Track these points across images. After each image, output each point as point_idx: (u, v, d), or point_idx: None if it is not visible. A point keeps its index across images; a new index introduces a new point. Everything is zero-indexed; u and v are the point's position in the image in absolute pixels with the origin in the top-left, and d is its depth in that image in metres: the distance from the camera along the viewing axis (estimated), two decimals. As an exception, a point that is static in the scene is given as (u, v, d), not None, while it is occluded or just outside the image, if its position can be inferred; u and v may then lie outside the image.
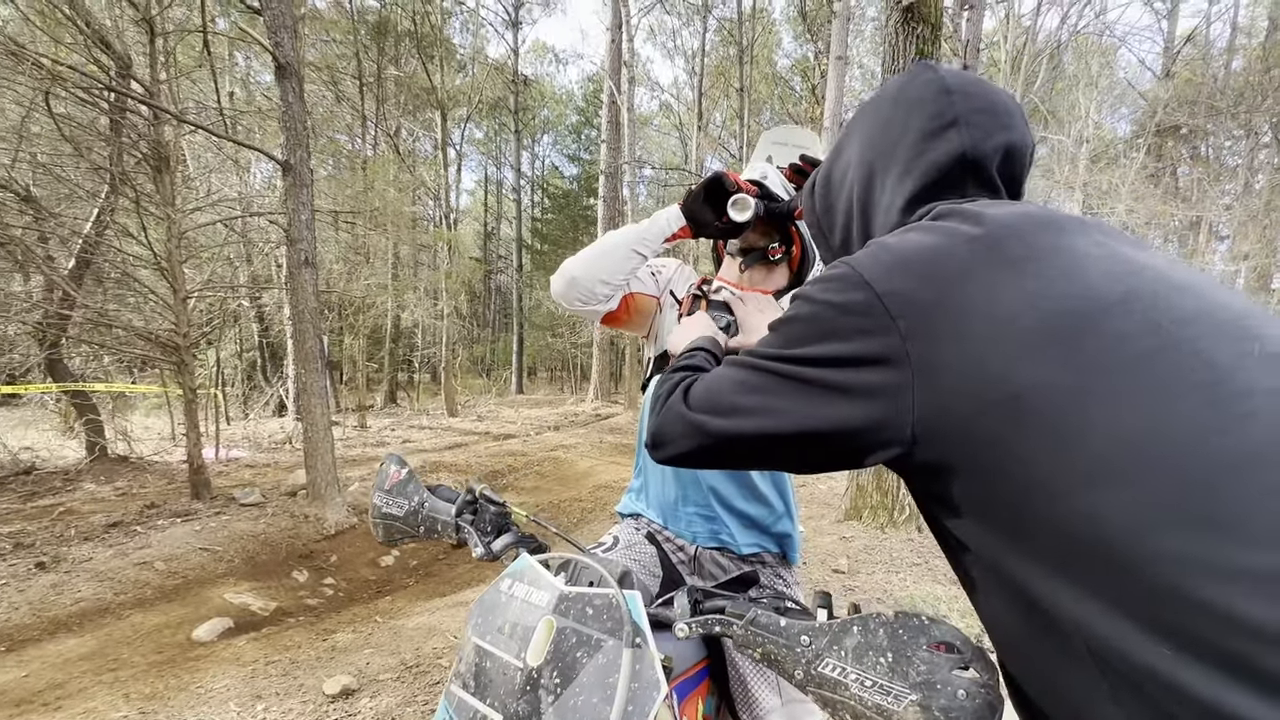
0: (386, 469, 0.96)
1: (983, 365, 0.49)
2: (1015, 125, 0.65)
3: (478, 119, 23.08)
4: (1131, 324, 0.47)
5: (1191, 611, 0.40)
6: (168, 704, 2.71)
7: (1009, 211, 0.57)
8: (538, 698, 0.66)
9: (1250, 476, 0.40)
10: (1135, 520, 0.42)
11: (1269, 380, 0.43)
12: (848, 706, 0.56)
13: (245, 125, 11.34)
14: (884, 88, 0.72)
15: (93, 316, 6.12)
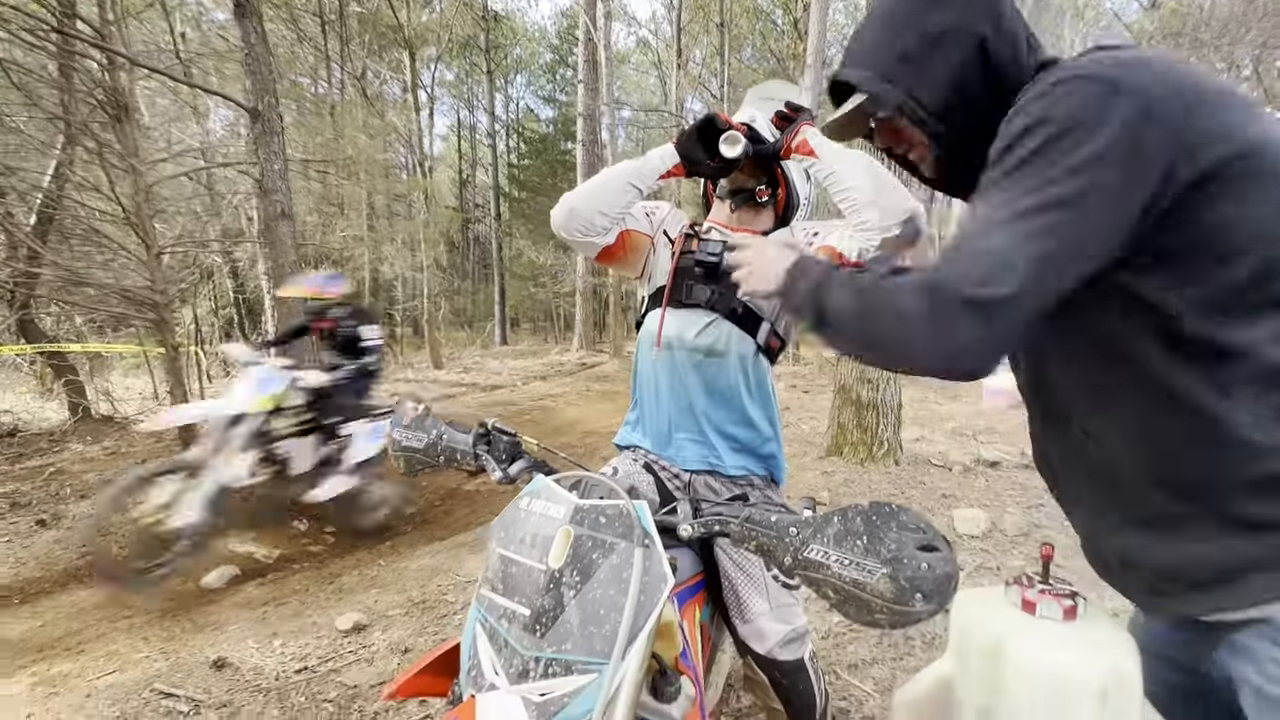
0: (404, 407, 1.03)
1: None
2: None
3: (448, 59, 22.07)
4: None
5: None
6: (186, 644, 2.85)
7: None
8: (561, 594, 0.75)
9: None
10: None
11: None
12: (830, 583, 0.66)
13: (202, 68, 10.75)
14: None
15: (64, 275, 5.96)
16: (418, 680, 0.90)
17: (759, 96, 1.38)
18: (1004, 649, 0.71)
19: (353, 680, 2.43)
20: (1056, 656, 0.68)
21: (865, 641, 2.52)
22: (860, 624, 0.66)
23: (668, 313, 1.30)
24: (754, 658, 1.28)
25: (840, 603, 0.66)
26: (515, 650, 0.74)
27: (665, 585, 0.73)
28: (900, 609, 0.62)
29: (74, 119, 5.42)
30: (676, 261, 1.32)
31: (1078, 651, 0.68)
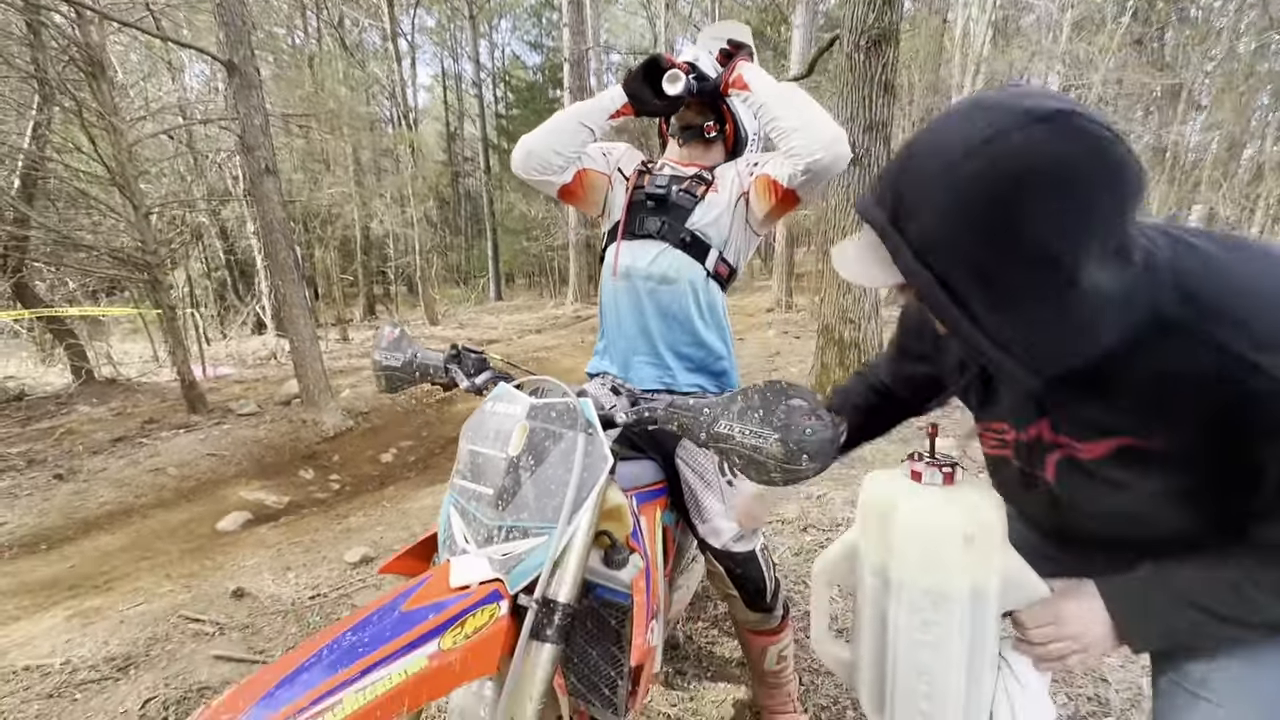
0: (383, 331, 1.16)
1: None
2: None
3: (427, 3, 21.22)
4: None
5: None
6: (207, 580, 3.06)
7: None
8: (518, 476, 0.89)
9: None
10: None
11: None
12: (735, 450, 0.79)
13: (173, 20, 10.41)
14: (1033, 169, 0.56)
15: (56, 238, 5.98)
16: (402, 561, 1.06)
17: (709, 36, 1.45)
18: (893, 510, 0.84)
19: (362, 602, 2.64)
20: (932, 511, 0.81)
21: (834, 557, 2.73)
22: (761, 483, 0.80)
23: (623, 244, 1.41)
24: (712, 552, 1.44)
25: (744, 466, 0.79)
26: (481, 522, 0.89)
27: (605, 464, 0.87)
28: (791, 468, 0.76)
29: (48, 78, 5.34)
30: (630, 196, 1.41)
31: (950, 507, 0.81)
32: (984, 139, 0.57)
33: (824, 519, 3.01)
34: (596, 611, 1.00)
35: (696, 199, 1.38)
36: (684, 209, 1.37)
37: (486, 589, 0.82)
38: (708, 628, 2.29)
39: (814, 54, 5.96)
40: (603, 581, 1.00)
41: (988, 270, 0.59)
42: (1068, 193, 0.55)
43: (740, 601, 1.46)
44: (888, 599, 0.85)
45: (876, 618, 0.87)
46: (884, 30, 4.24)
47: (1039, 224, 0.56)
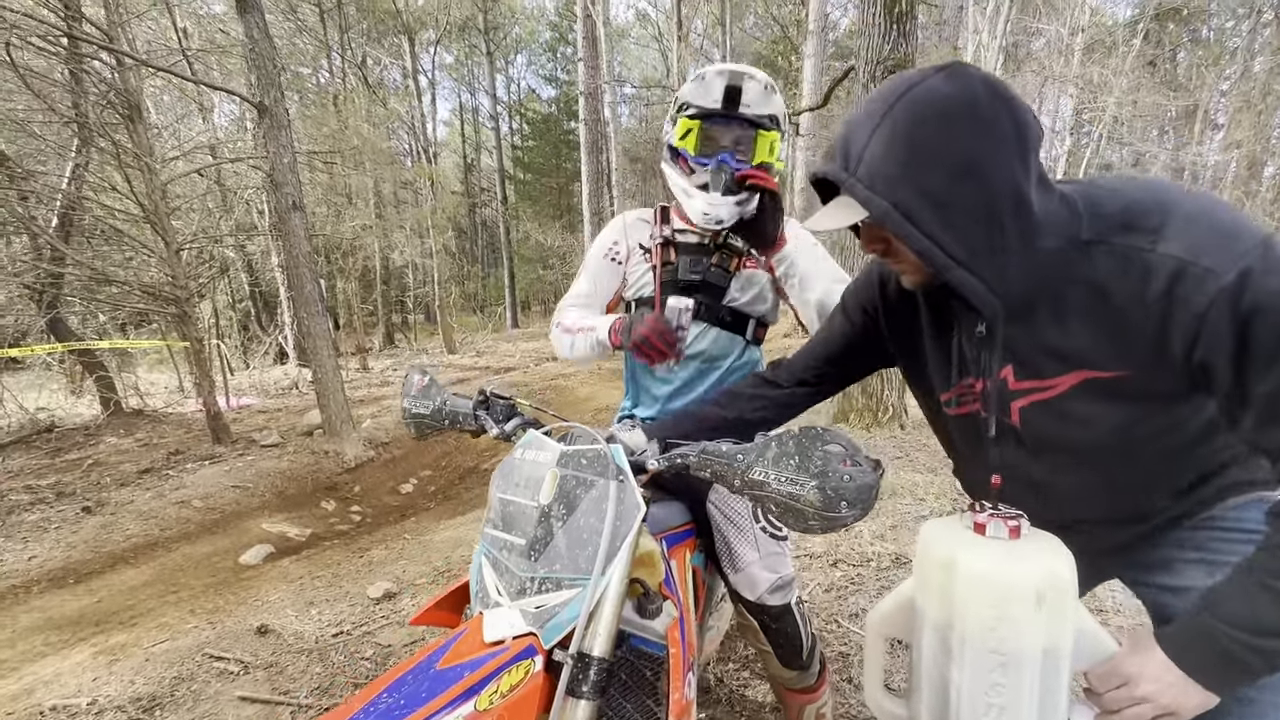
0: (411, 378, 1.17)
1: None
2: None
3: (447, 42, 21.93)
4: None
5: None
6: (231, 615, 3.07)
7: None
8: (550, 526, 0.89)
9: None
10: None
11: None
12: (770, 498, 0.78)
13: (204, 64, 10.87)
14: (953, 105, 0.69)
15: (90, 273, 6.18)
16: (433, 613, 1.05)
17: (716, 73, 1.31)
18: (955, 563, 0.80)
19: (386, 640, 2.62)
20: (1000, 566, 0.77)
21: (865, 593, 2.66)
22: (799, 531, 0.78)
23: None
24: (744, 604, 1.39)
25: (781, 514, 0.78)
26: (514, 574, 0.88)
27: (638, 512, 0.86)
28: (829, 515, 0.75)
29: (88, 121, 5.57)
30: (660, 277, 1.37)
31: (1018, 562, 0.77)
32: (902, 89, 0.71)
33: (854, 553, 2.95)
34: (630, 662, 0.98)
35: (730, 274, 1.35)
36: (719, 287, 1.35)
37: (521, 644, 0.81)
38: (738, 669, 2.24)
39: (829, 85, 6.04)
40: (636, 631, 0.99)
41: (928, 188, 0.69)
42: (974, 115, 0.68)
43: (774, 658, 1.41)
44: (950, 658, 0.81)
45: (937, 676, 0.84)
46: (900, 61, 4.29)
47: (957, 142, 0.68)
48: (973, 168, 0.68)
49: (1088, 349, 0.75)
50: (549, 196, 25.96)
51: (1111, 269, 0.71)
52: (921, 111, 0.69)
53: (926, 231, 0.70)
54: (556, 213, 24.86)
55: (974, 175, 0.68)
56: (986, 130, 0.68)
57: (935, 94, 0.69)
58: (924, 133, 0.69)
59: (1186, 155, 16.01)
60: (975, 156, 0.68)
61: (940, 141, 0.69)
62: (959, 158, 0.68)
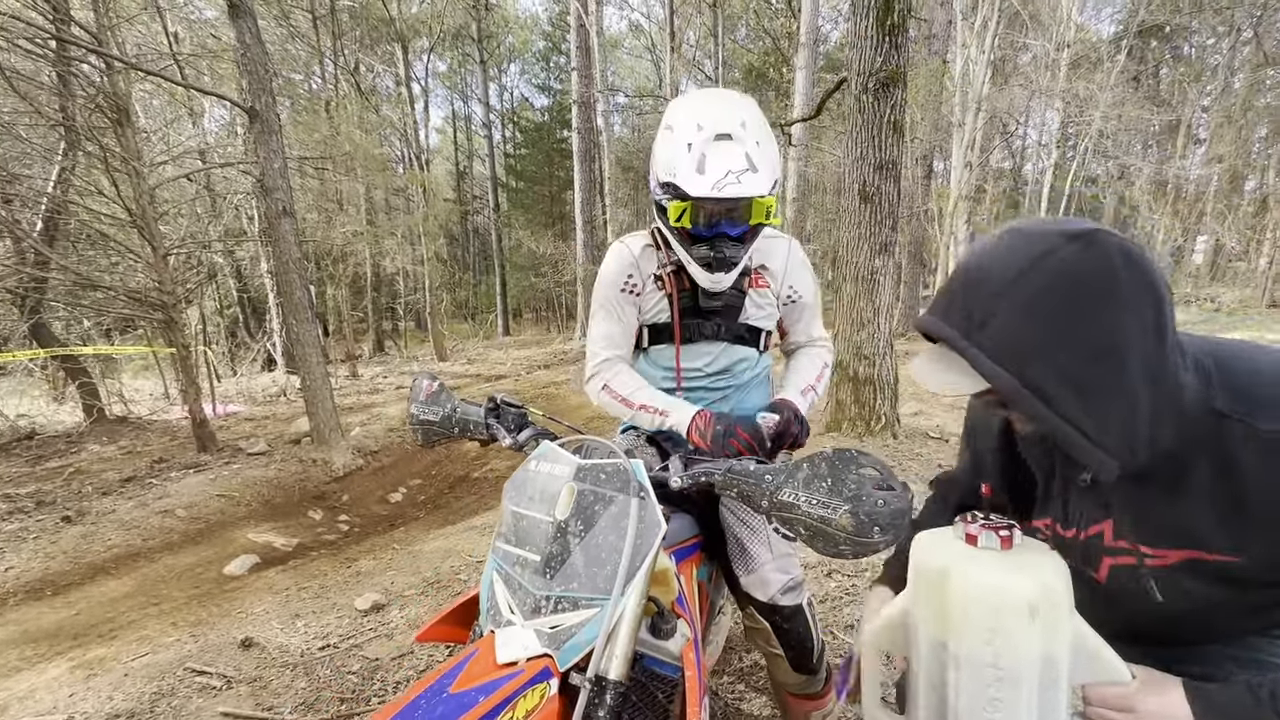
0: (420, 384, 1.13)
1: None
2: None
3: (440, 50, 21.94)
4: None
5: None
6: (214, 627, 2.98)
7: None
8: (567, 541, 0.85)
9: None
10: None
11: None
12: (801, 521, 0.75)
13: (195, 68, 10.77)
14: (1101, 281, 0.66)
15: (75, 278, 6.07)
16: (439, 629, 1.01)
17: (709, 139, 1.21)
18: (949, 576, 0.78)
19: (374, 654, 2.55)
20: (992, 579, 0.76)
21: (860, 603, 2.63)
22: (828, 555, 0.75)
23: (680, 350, 1.40)
24: (756, 606, 1.38)
25: (810, 538, 0.75)
26: (528, 591, 0.84)
27: (659, 530, 0.83)
28: (861, 540, 0.72)
29: (75, 125, 5.49)
30: (679, 304, 1.37)
31: (1011, 574, 0.76)
32: (1036, 256, 0.67)
33: (848, 564, 2.92)
34: (643, 684, 0.94)
35: (744, 294, 1.38)
36: (735, 308, 1.38)
37: (536, 666, 0.77)
38: (733, 682, 2.19)
39: (822, 96, 6.08)
40: (650, 652, 0.95)
41: (1063, 368, 0.66)
42: (1114, 293, 0.65)
43: (785, 662, 1.39)
44: (947, 673, 0.79)
45: (934, 690, 0.82)
46: (892, 73, 4.32)
47: (1097, 322, 0.65)
48: (1112, 349, 0.65)
49: (1201, 528, 0.71)
50: (541, 204, 25.97)
51: (1243, 447, 0.67)
52: (1058, 285, 0.65)
53: (1059, 412, 0.67)
54: (549, 220, 24.85)
55: (1113, 356, 0.65)
56: (1127, 309, 0.65)
57: (1073, 268, 0.65)
58: (1061, 309, 0.65)
59: (1170, 169, 16.31)
60: (1115, 338, 0.65)
61: (1078, 321, 0.65)
62: (1098, 339, 0.65)
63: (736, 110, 1.19)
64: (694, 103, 1.23)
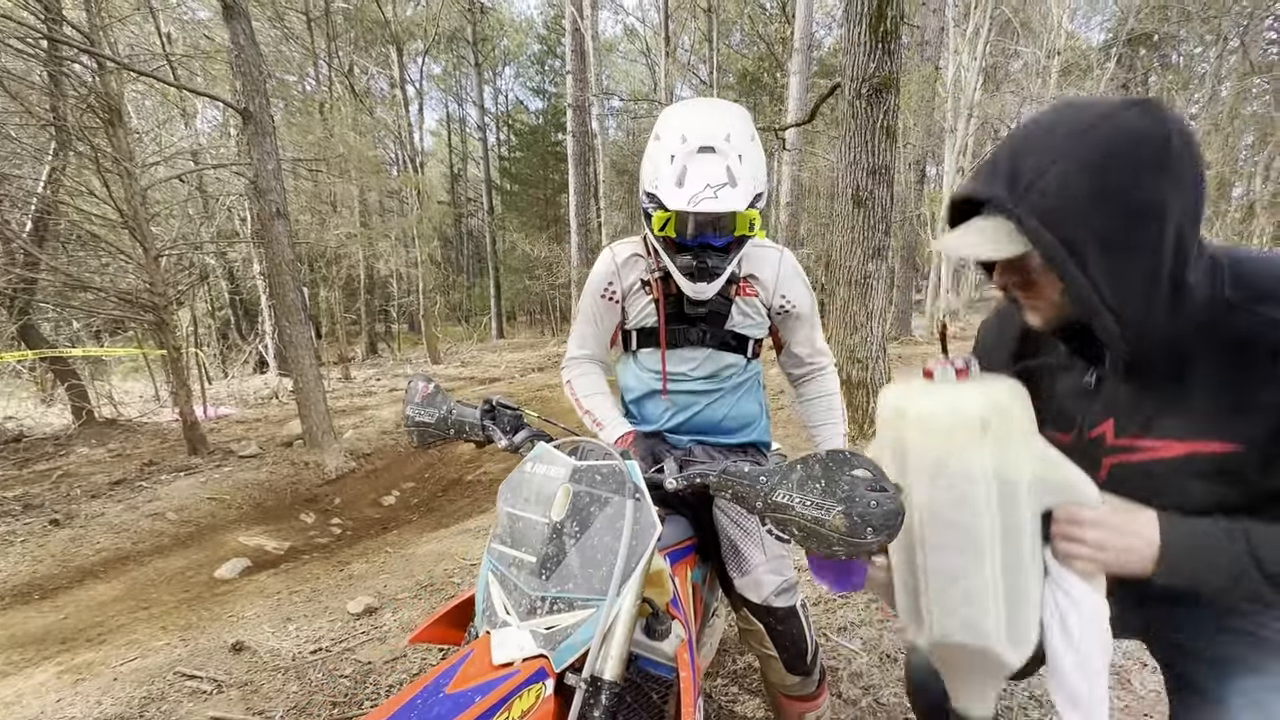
0: (415, 385, 1.13)
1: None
2: None
3: (435, 52, 21.93)
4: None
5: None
6: (205, 632, 2.96)
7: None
8: (562, 542, 0.85)
9: None
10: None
11: None
12: (794, 522, 0.76)
13: (188, 69, 10.71)
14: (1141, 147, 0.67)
15: (65, 279, 6.02)
16: (434, 630, 1.01)
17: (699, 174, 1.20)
18: (905, 412, 0.82)
19: (366, 658, 2.54)
20: (944, 403, 0.78)
21: (854, 606, 2.64)
22: (822, 555, 0.76)
23: (666, 355, 1.42)
24: (750, 608, 1.38)
25: (804, 538, 0.76)
26: (524, 592, 0.85)
27: (654, 531, 0.83)
28: (854, 540, 0.73)
29: (67, 125, 5.45)
30: (664, 310, 1.39)
31: (962, 394, 0.78)
32: (1096, 118, 0.68)
33: (843, 567, 2.93)
34: (638, 685, 0.95)
35: (730, 300, 1.39)
36: (721, 315, 1.39)
37: (532, 667, 0.77)
38: (727, 684, 2.20)
39: (816, 101, 6.12)
40: (644, 653, 0.96)
41: (1103, 228, 0.67)
42: (1165, 157, 0.66)
43: (779, 663, 1.40)
44: (909, 508, 0.80)
45: (900, 532, 0.84)
46: (885, 79, 4.36)
47: (1145, 183, 0.66)
48: (1153, 213, 0.66)
49: (1203, 418, 0.72)
50: (536, 207, 25.97)
51: (1251, 336, 0.69)
52: (1117, 143, 0.66)
53: (1090, 274, 0.68)
54: (543, 224, 24.85)
55: (1152, 220, 0.66)
56: (1174, 175, 0.66)
57: (1130, 130, 0.66)
58: (1116, 166, 0.66)
59: (1158, 177, 16.47)
60: (1158, 200, 0.66)
61: (1127, 179, 0.66)
62: (1142, 200, 0.66)
63: (723, 122, 1.19)
64: (682, 113, 1.23)
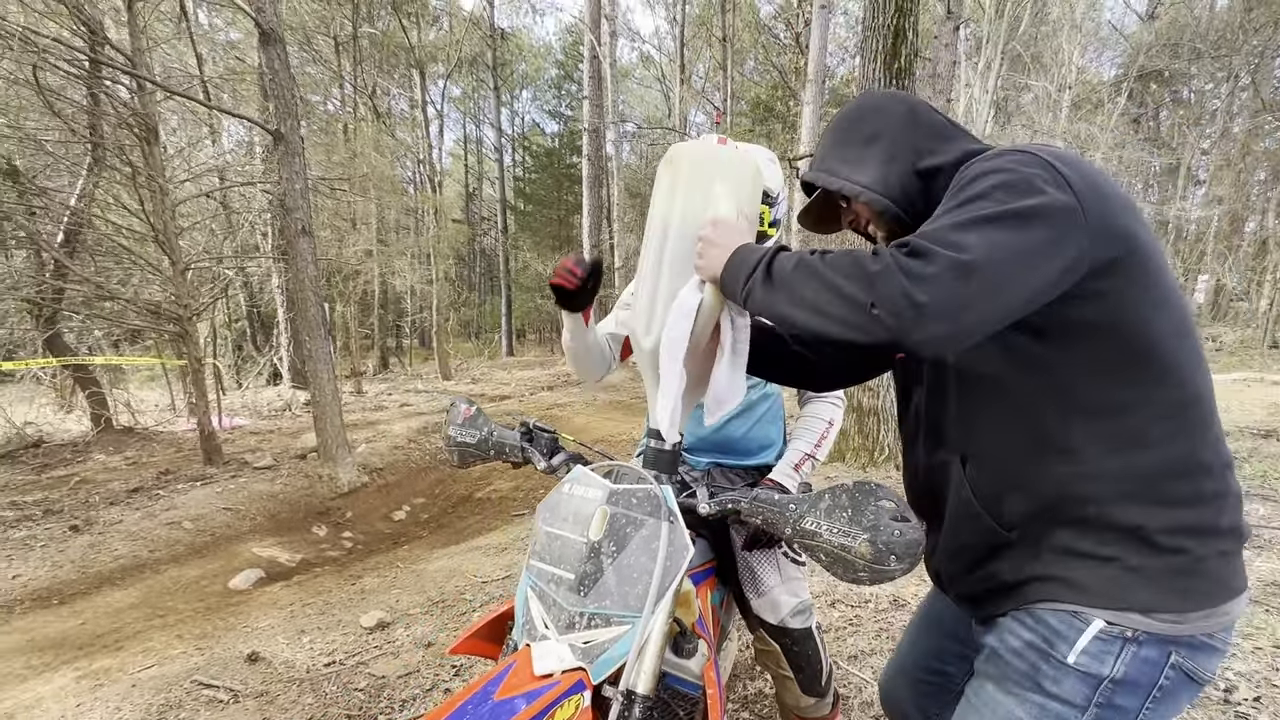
0: (458, 408, 1.20)
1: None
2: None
3: (456, 76, 22.47)
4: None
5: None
6: (219, 641, 3.00)
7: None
8: (600, 561, 0.91)
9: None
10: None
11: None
12: (822, 548, 0.81)
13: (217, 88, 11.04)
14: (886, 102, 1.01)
15: (93, 290, 6.18)
16: (471, 643, 1.06)
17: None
18: (678, 152, 1.05)
19: (380, 672, 2.57)
20: (693, 150, 1.04)
21: (864, 634, 2.65)
22: (847, 581, 0.81)
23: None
24: (767, 628, 1.42)
25: (830, 564, 0.81)
26: (563, 607, 0.89)
27: (687, 553, 0.88)
28: (878, 568, 0.77)
29: (105, 142, 5.65)
30: None
31: (706, 151, 1.03)
32: (852, 103, 1.03)
33: (852, 594, 2.94)
34: (665, 702, 0.99)
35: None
36: None
37: (571, 678, 0.82)
38: (738, 709, 2.21)
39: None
40: (672, 670, 1.00)
41: (847, 155, 0.97)
42: (875, 109, 0.98)
43: (795, 684, 1.43)
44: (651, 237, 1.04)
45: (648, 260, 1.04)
46: (899, 113, 4.45)
47: (864, 125, 0.97)
48: (876, 136, 0.96)
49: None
50: (549, 228, 26.31)
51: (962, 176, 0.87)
52: (844, 115, 1.01)
53: (844, 177, 0.96)
54: (556, 244, 25.15)
55: (877, 140, 0.96)
56: (883, 116, 0.96)
57: (852, 104, 1.02)
58: (843, 124, 1.00)
59: (1171, 209, 16.52)
60: (877, 129, 0.96)
61: (854, 126, 0.99)
62: (867, 132, 0.97)
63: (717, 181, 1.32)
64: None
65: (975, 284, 0.68)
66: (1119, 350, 0.78)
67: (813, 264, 0.79)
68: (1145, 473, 0.78)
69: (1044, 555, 0.84)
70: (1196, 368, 0.80)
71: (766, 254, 0.86)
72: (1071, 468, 0.81)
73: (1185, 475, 0.79)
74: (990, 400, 0.87)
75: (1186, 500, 0.78)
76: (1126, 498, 0.79)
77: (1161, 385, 0.78)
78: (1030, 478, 0.84)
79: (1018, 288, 0.71)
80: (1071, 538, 0.82)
